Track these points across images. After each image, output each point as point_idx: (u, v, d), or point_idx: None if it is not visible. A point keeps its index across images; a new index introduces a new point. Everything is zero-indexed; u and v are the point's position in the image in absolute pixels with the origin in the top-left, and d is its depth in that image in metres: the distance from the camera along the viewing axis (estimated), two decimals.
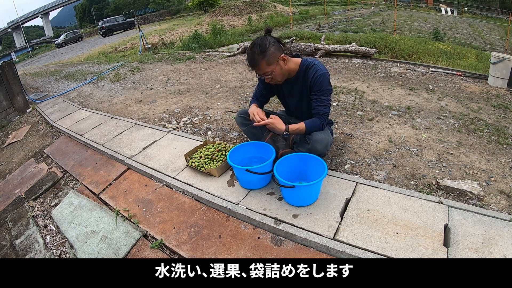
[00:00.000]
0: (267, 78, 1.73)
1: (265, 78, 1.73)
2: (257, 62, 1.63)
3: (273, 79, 1.73)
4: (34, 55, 24.31)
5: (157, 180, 2.12)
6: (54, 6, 39.27)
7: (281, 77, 1.74)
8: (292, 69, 1.75)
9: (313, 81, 1.71)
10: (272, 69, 1.66)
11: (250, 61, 1.65)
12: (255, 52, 1.61)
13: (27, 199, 2.40)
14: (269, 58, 1.62)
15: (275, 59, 1.64)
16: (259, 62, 1.62)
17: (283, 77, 1.75)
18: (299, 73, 1.77)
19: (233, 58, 5.94)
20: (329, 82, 1.75)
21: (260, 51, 1.60)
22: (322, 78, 1.70)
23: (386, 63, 4.79)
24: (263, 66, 1.64)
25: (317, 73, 1.70)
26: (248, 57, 1.67)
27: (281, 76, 1.73)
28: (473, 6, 23.97)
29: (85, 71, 7.05)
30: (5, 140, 4.20)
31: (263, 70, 1.66)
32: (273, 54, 1.62)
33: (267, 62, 1.62)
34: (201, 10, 27.73)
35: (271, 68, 1.65)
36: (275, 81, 1.75)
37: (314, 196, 1.61)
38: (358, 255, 1.29)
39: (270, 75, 1.68)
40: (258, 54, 1.61)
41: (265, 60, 1.62)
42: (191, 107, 3.37)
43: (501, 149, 2.15)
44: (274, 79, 1.73)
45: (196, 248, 1.54)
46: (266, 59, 1.62)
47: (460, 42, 9.98)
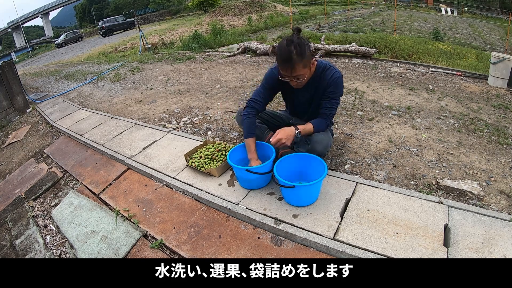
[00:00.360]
0: (293, 82, 1.64)
1: (292, 80, 1.64)
2: (294, 63, 1.53)
3: (299, 84, 1.66)
4: (34, 55, 24.31)
5: (157, 180, 2.12)
6: (54, 6, 39.27)
7: (306, 81, 1.70)
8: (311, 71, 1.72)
9: (330, 83, 1.70)
10: (305, 73, 1.61)
11: (287, 61, 1.54)
12: (292, 52, 1.51)
13: (27, 199, 2.40)
14: (306, 61, 1.57)
15: (309, 63, 1.60)
16: (296, 63, 1.53)
17: (307, 80, 1.71)
18: (315, 77, 1.74)
19: (233, 58, 5.94)
20: (343, 85, 1.75)
21: (299, 52, 1.51)
22: (338, 81, 1.70)
23: (386, 63, 4.79)
24: (299, 68, 1.55)
25: (334, 75, 1.69)
26: (283, 55, 1.54)
27: (307, 79, 1.70)
28: (473, 6, 23.97)
29: (85, 71, 7.05)
30: (5, 140, 4.20)
31: (298, 73, 1.57)
32: (308, 58, 1.57)
33: (303, 65, 1.56)
34: (201, 10, 27.72)
35: (304, 71, 1.59)
36: (300, 85, 1.69)
37: (314, 196, 1.61)
38: (358, 255, 1.29)
39: (301, 79, 1.62)
40: (297, 55, 1.51)
41: (302, 63, 1.55)
42: (191, 107, 3.37)
43: (501, 149, 2.15)
44: (300, 84, 1.67)
45: (196, 248, 1.54)
46: (304, 62, 1.55)
47: (460, 42, 9.97)
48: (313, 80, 1.75)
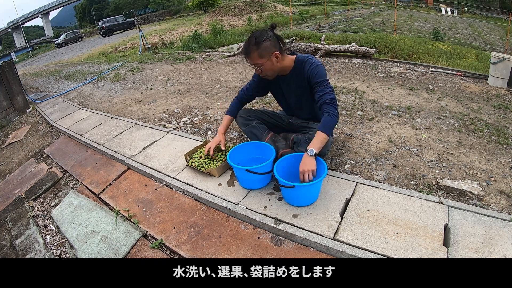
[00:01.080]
0: (257, 70, 1.76)
1: (255, 69, 1.77)
2: (249, 52, 1.67)
3: (263, 73, 1.76)
4: (34, 55, 24.31)
5: (157, 180, 2.12)
6: (54, 6, 39.28)
7: (272, 72, 1.76)
8: (286, 66, 1.78)
9: (310, 73, 1.72)
10: (262, 62, 1.69)
11: (244, 49, 1.71)
12: (250, 42, 1.66)
13: (27, 199, 2.40)
14: (262, 51, 1.65)
15: (268, 54, 1.67)
16: (251, 52, 1.67)
17: (273, 73, 1.78)
18: (295, 69, 1.79)
19: (233, 58, 5.94)
20: (325, 73, 1.75)
21: (255, 42, 1.64)
22: (318, 69, 1.72)
23: (386, 63, 4.79)
24: (254, 56, 1.67)
25: (312, 65, 1.73)
26: (244, 44, 1.73)
27: (272, 71, 1.76)
28: (473, 6, 23.97)
29: (85, 71, 7.05)
30: (5, 140, 4.20)
31: (254, 61, 1.70)
32: (266, 48, 1.65)
33: (259, 54, 1.66)
34: (201, 10, 27.73)
35: (261, 61, 1.68)
36: (265, 75, 1.78)
37: (314, 196, 1.61)
38: (358, 255, 1.29)
39: (260, 67, 1.71)
40: (253, 44, 1.65)
41: (257, 52, 1.65)
42: (191, 107, 3.37)
43: (501, 149, 2.15)
44: (264, 73, 1.76)
45: (196, 248, 1.54)
46: (258, 51, 1.65)
47: (460, 42, 9.98)
48: (293, 75, 1.81)
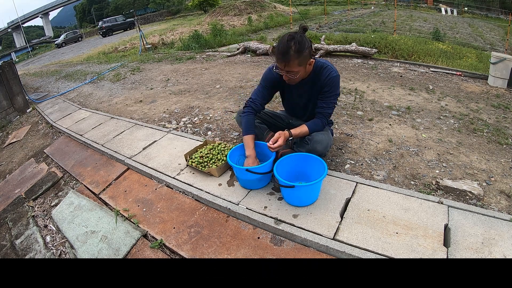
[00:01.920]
0: (286, 77, 1.67)
1: (285, 75, 1.66)
2: (290, 59, 1.55)
3: (292, 80, 1.68)
4: (34, 55, 24.31)
5: (157, 180, 2.12)
6: (54, 6, 39.28)
7: (300, 79, 1.72)
8: (308, 70, 1.73)
9: (326, 82, 1.71)
10: (299, 70, 1.61)
11: (283, 55, 1.56)
12: (291, 48, 1.53)
13: (27, 199, 2.40)
14: (302, 59, 1.58)
15: (306, 62, 1.61)
16: (292, 59, 1.55)
17: (300, 79, 1.73)
18: (312, 75, 1.75)
19: (233, 58, 5.94)
20: (339, 85, 1.76)
21: (297, 49, 1.54)
22: (335, 80, 1.71)
23: (386, 63, 4.79)
24: (293, 64, 1.58)
25: (330, 74, 1.70)
26: (281, 49, 1.56)
27: (301, 78, 1.71)
28: (473, 6, 23.97)
29: (85, 71, 7.05)
30: (5, 140, 4.20)
31: (291, 69, 1.60)
32: (306, 57, 1.59)
33: (299, 62, 1.58)
34: (201, 10, 27.73)
35: (299, 69, 1.61)
36: (292, 82, 1.71)
37: (314, 196, 1.61)
38: (358, 255, 1.29)
39: (294, 75, 1.63)
40: (295, 51, 1.54)
41: (298, 60, 1.56)
42: (191, 107, 3.37)
43: (501, 149, 2.15)
44: (292, 80, 1.69)
45: (196, 248, 1.54)
46: (299, 60, 1.57)
47: (460, 42, 9.98)
48: (309, 79, 1.77)
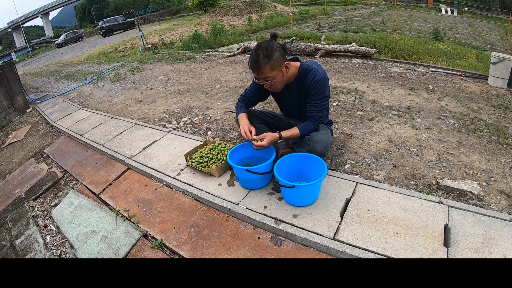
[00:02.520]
0: (266, 84, 1.68)
1: (264, 83, 1.68)
2: (261, 66, 1.58)
3: (272, 86, 1.69)
4: (34, 55, 24.31)
5: (157, 180, 2.12)
6: (54, 6, 39.28)
7: (281, 84, 1.72)
8: (292, 74, 1.73)
9: (311, 86, 1.69)
10: (274, 75, 1.62)
11: (254, 64, 1.60)
12: (259, 55, 1.57)
13: (27, 199, 2.40)
14: (274, 63, 1.59)
15: (279, 65, 1.62)
16: (263, 65, 1.58)
17: (282, 84, 1.73)
18: (298, 77, 1.75)
19: (233, 58, 5.94)
20: (327, 87, 1.73)
21: (265, 55, 1.56)
22: (320, 83, 1.68)
23: (386, 63, 4.79)
24: (266, 70, 1.59)
25: (315, 77, 1.68)
26: (252, 58, 1.61)
27: (281, 83, 1.71)
28: (473, 6, 23.98)
29: (85, 71, 7.05)
30: (5, 140, 4.20)
31: (265, 75, 1.62)
32: (277, 60, 1.60)
33: (271, 67, 1.59)
34: (201, 10, 27.73)
35: (273, 73, 1.62)
36: (274, 88, 1.72)
37: (314, 196, 1.61)
38: (358, 255, 1.29)
39: (271, 81, 1.64)
40: (263, 57, 1.56)
41: (269, 65, 1.58)
42: (191, 107, 3.37)
43: (501, 149, 2.15)
44: (273, 86, 1.70)
45: (196, 248, 1.54)
46: (270, 64, 1.58)
47: (460, 42, 9.98)
48: (297, 83, 1.77)
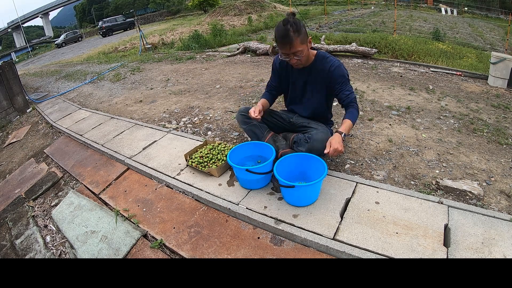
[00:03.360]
0: (293, 60, 1.71)
1: (292, 59, 1.71)
2: (292, 39, 1.61)
3: (298, 62, 1.73)
4: (34, 55, 24.31)
5: (157, 180, 2.12)
6: (54, 6, 39.28)
7: (306, 59, 1.77)
8: (310, 57, 1.80)
9: (334, 73, 1.76)
10: (303, 48, 1.67)
11: (284, 37, 1.62)
12: (289, 29, 1.59)
13: (27, 199, 2.40)
14: (303, 37, 1.64)
15: (306, 40, 1.68)
16: (294, 39, 1.61)
17: (307, 60, 1.79)
18: (316, 62, 1.81)
19: (233, 58, 5.93)
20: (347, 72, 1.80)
21: (295, 29, 1.60)
22: (341, 67, 1.77)
23: (386, 63, 4.79)
24: (297, 43, 1.63)
25: (334, 64, 1.77)
26: (280, 33, 1.63)
27: (306, 58, 1.77)
28: (473, 6, 23.97)
29: (85, 71, 7.05)
30: (5, 140, 4.20)
31: (296, 48, 1.64)
32: (305, 35, 1.66)
33: (301, 40, 1.63)
34: (201, 10, 27.74)
35: (303, 47, 1.66)
36: (300, 64, 1.76)
37: (314, 196, 1.61)
38: (358, 255, 1.29)
39: (300, 55, 1.68)
40: (294, 31, 1.60)
41: (299, 38, 1.62)
42: (191, 107, 3.37)
43: (501, 149, 2.15)
44: (299, 62, 1.74)
45: (196, 248, 1.54)
46: (300, 38, 1.62)
47: (460, 42, 9.98)
48: (315, 68, 1.83)
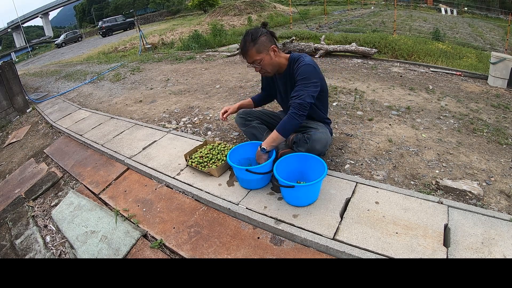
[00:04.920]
0: (256, 68, 1.76)
1: (255, 67, 1.76)
2: (247, 49, 1.67)
3: (262, 69, 1.76)
4: (34, 55, 24.30)
5: (157, 180, 2.12)
6: (54, 6, 39.28)
7: (271, 68, 1.77)
8: (282, 63, 1.79)
9: (296, 72, 1.71)
10: (261, 58, 1.69)
11: (242, 48, 1.71)
12: (246, 40, 1.67)
13: (27, 199, 2.40)
14: (259, 46, 1.66)
15: (266, 49, 1.68)
16: (249, 49, 1.67)
17: (273, 68, 1.78)
18: (288, 67, 1.80)
19: (233, 58, 5.93)
20: (312, 74, 1.67)
21: (251, 39, 1.66)
22: (303, 68, 1.67)
23: (386, 63, 4.79)
24: (252, 53, 1.68)
25: (300, 64, 1.70)
26: (240, 45, 1.73)
27: (271, 67, 1.76)
28: (473, 6, 23.98)
29: (85, 71, 7.05)
30: (5, 140, 4.20)
31: (253, 58, 1.69)
32: (263, 43, 1.67)
33: (257, 49, 1.67)
34: (201, 10, 27.74)
35: (260, 56, 1.68)
36: (265, 71, 1.78)
37: (314, 196, 1.61)
38: (358, 255, 1.29)
39: (259, 63, 1.71)
40: (249, 41, 1.66)
41: (255, 48, 1.66)
42: (191, 107, 3.37)
43: (501, 149, 2.15)
44: (263, 69, 1.76)
45: (196, 248, 1.54)
46: (256, 47, 1.66)
47: (460, 42, 9.97)
48: (288, 74, 1.81)
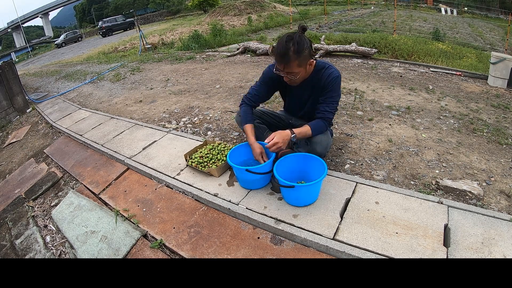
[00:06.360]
0: (287, 78, 1.64)
1: (285, 76, 1.63)
2: (290, 60, 1.53)
3: (293, 81, 1.66)
4: (34, 55, 24.30)
5: (157, 180, 2.12)
6: (54, 6, 39.27)
7: (301, 80, 1.69)
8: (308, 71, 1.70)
9: (328, 83, 1.67)
10: (299, 71, 1.59)
11: (282, 56, 1.53)
12: (290, 49, 1.50)
13: (27, 199, 2.40)
14: (302, 60, 1.55)
15: (306, 63, 1.58)
16: (291, 61, 1.53)
17: (302, 80, 1.71)
18: (312, 74, 1.72)
19: (233, 58, 5.93)
20: (340, 84, 1.72)
21: (296, 50, 1.50)
22: (336, 81, 1.67)
23: (386, 63, 4.79)
24: (293, 65, 1.55)
25: (332, 74, 1.66)
26: (280, 50, 1.53)
27: (302, 79, 1.69)
28: (473, 6, 23.98)
29: (85, 71, 7.05)
30: (5, 140, 4.20)
31: (291, 70, 1.57)
32: (306, 58, 1.56)
33: (299, 63, 1.54)
34: (201, 10, 27.74)
35: (299, 70, 1.58)
36: (293, 82, 1.69)
37: (314, 196, 1.61)
38: (357, 255, 1.29)
39: (295, 76, 1.61)
40: (294, 52, 1.50)
41: (297, 61, 1.53)
42: (191, 107, 3.37)
43: (501, 149, 2.15)
44: (293, 81, 1.66)
45: (196, 248, 1.54)
46: (299, 60, 1.53)
47: (460, 42, 9.97)
48: (311, 79, 1.74)
